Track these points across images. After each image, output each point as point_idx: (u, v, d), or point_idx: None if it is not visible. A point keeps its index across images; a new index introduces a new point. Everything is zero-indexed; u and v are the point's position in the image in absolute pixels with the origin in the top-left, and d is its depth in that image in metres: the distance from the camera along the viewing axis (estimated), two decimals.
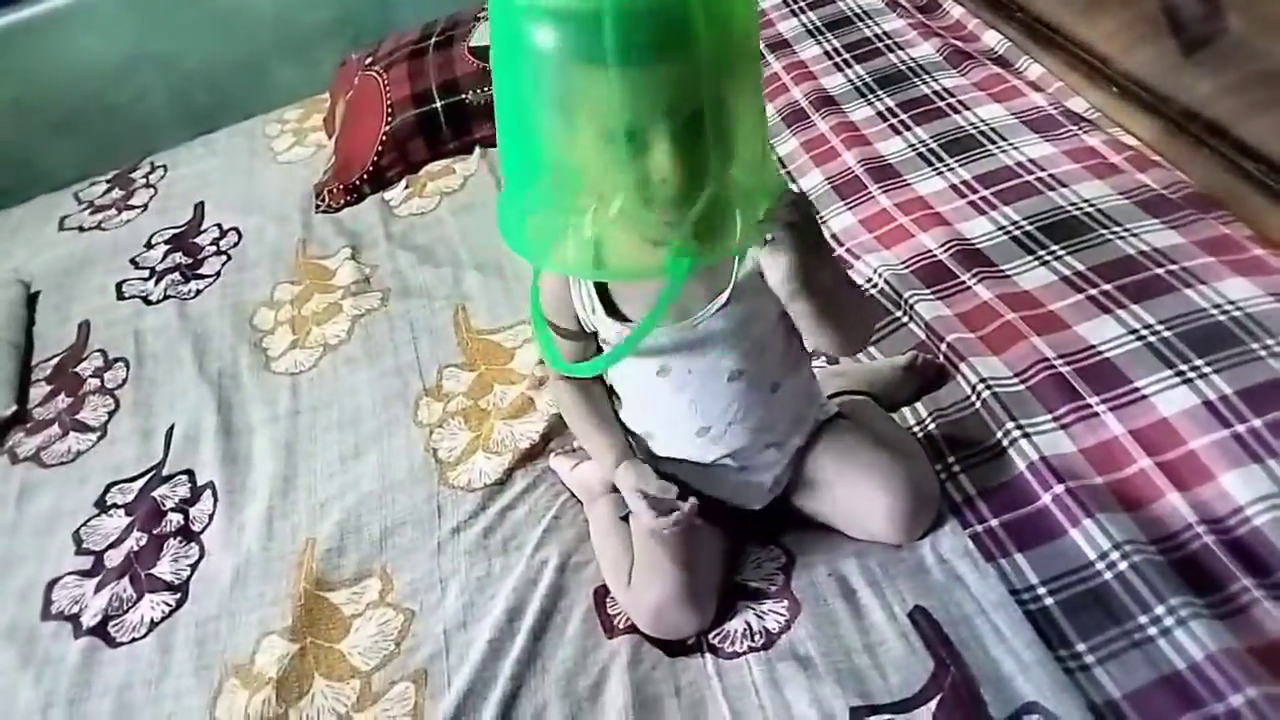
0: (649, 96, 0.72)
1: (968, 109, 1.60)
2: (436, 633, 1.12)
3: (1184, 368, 1.09)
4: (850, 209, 1.49)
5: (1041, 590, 0.97)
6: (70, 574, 1.34)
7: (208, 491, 1.39)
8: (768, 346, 1.00)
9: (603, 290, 0.97)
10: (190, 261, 1.90)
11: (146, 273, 1.91)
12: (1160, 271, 1.21)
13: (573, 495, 1.22)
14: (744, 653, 1.01)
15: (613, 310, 0.97)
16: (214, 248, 1.92)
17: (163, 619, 1.24)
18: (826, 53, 1.87)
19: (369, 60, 2.13)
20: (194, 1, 2.37)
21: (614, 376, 1.05)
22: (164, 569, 1.30)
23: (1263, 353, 1.08)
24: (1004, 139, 1.51)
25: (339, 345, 1.58)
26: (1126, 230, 1.28)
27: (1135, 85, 1.46)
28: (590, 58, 0.70)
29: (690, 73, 0.72)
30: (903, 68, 1.76)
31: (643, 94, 0.72)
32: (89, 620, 1.26)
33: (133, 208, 2.15)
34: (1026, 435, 1.09)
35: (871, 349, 1.28)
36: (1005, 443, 1.10)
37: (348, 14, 2.42)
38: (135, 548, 1.33)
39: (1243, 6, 1.20)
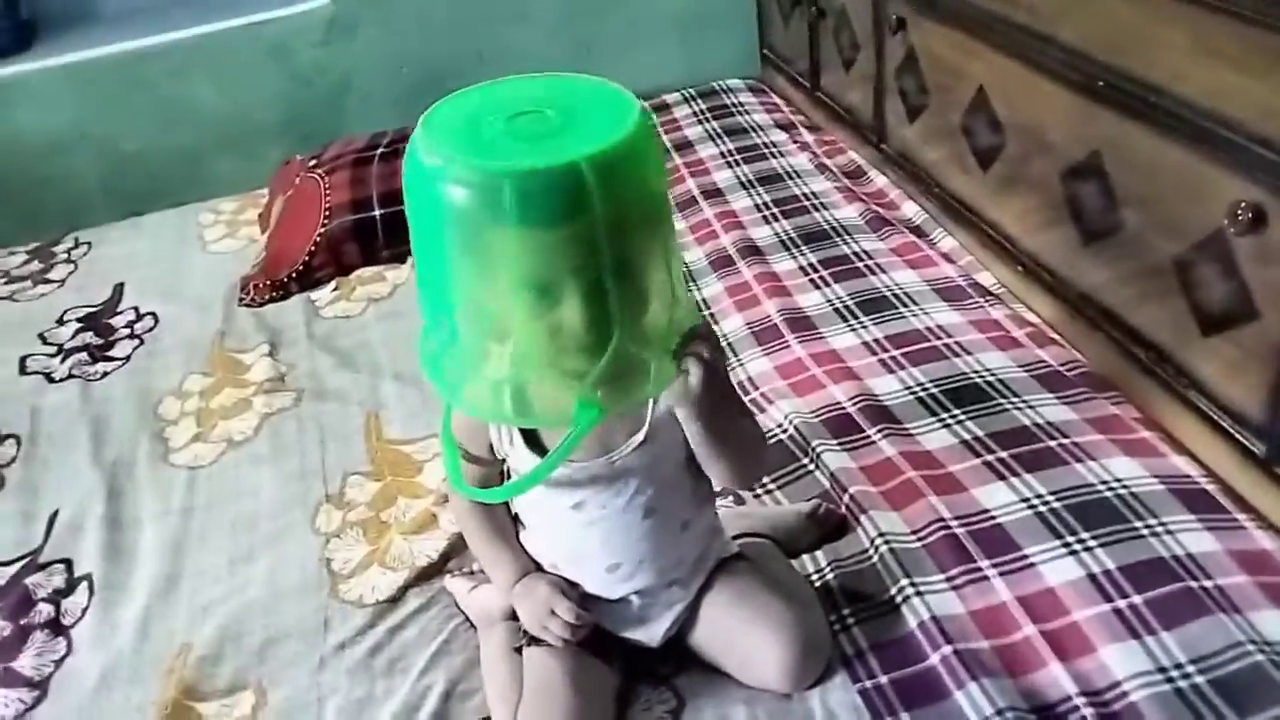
0: (552, 256, 0.76)
1: (884, 272, 1.68)
2: None
3: (1071, 539, 1.13)
4: (767, 355, 1.53)
5: None
6: None
7: (84, 584, 1.33)
8: (679, 484, 1.01)
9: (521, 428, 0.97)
10: (101, 342, 1.86)
11: (54, 349, 1.86)
12: (1053, 444, 1.27)
13: (467, 619, 1.19)
14: None
15: (532, 442, 0.97)
16: (128, 330, 1.89)
17: (16, 717, 1.16)
18: (757, 205, 1.96)
19: (313, 163, 2.16)
20: (142, 89, 2.38)
21: (521, 505, 1.05)
22: (25, 663, 1.23)
23: (1145, 531, 1.13)
24: (916, 303, 1.58)
25: (244, 442, 1.55)
26: (1024, 402, 1.35)
27: (1038, 266, 1.55)
28: (495, 218, 0.74)
29: (590, 235, 0.75)
30: (826, 227, 1.85)
31: (546, 253, 0.76)
32: None
33: (49, 281, 2.11)
34: (920, 593, 1.11)
35: (777, 494, 1.30)
36: (899, 599, 1.12)
37: (295, 116, 2.46)
38: None
39: (1138, 204, 1.30)
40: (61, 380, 1.77)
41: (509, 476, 1.03)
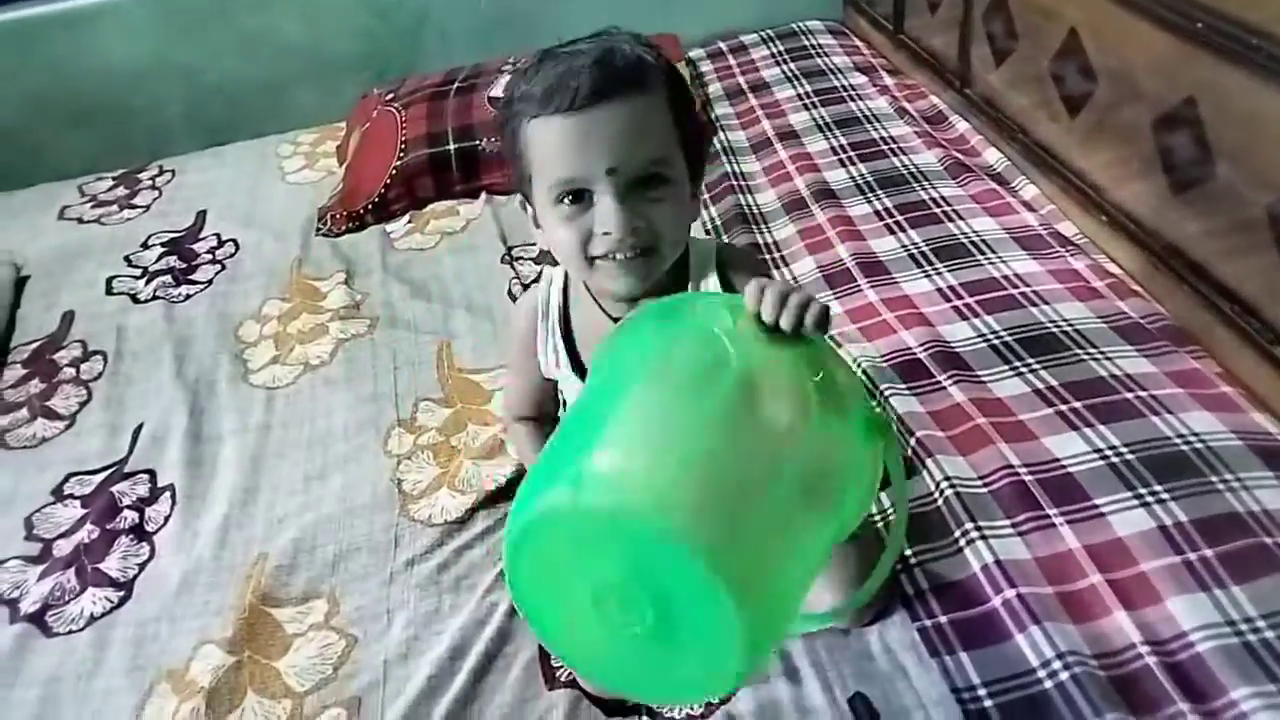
0: None
1: (962, 218, 1.65)
2: (377, 663, 1.11)
3: (1143, 491, 1.11)
4: (838, 298, 1.52)
5: (982, 691, 0.98)
6: (15, 558, 1.32)
7: (167, 493, 1.39)
8: None
9: (569, 344, 0.98)
10: (184, 266, 1.91)
11: (139, 271, 1.92)
12: (1130, 396, 1.24)
13: None
14: (679, 719, 1.01)
15: (576, 365, 0.98)
16: (209, 256, 1.94)
17: (103, 614, 1.22)
18: (833, 148, 1.93)
19: (390, 96, 2.18)
20: (225, 19, 2.42)
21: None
22: (111, 565, 1.29)
23: (1220, 486, 1.10)
24: (993, 251, 1.55)
25: (320, 366, 1.59)
26: (1101, 353, 1.32)
27: (1124, 216, 1.51)
28: None
29: None
30: (904, 172, 1.81)
31: None
32: (28, 607, 1.24)
33: (135, 207, 2.16)
34: (984, 537, 1.10)
35: None
36: (963, 542, 1.11)
37: (376, 50, 2.47)
38: (86, 540, 1.32)
39: (1232, 156, 1.25)
40: (146, 301, 1.83)
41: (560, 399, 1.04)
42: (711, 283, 0.97)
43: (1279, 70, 1.14)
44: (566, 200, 0.87)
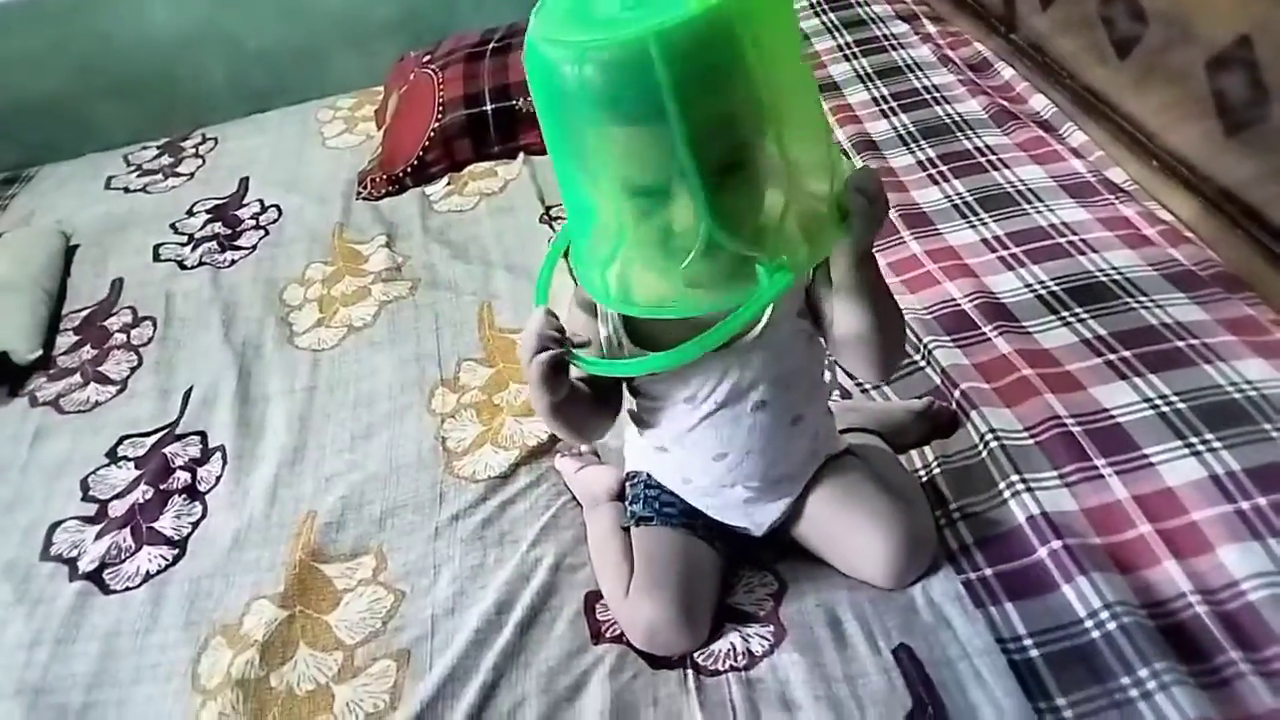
0: (648, 152, 0.75)
1: (1007, 167, 1.62)
2: (424, 616, 1.13)
3: (1194, 440, 1.09)
4: (880, 251, 1.49)
5: (1028, 642, 0.97)
6: (74, 519, 1.36)
7: (218, 454, 1.41)
8: (793, 381, 1.00)
9: (631, 329, 0.97)
10: (229, 232, 1.94)
11: (185, 238, 1.94)
12: (1181, 345, 1.21)
13: (574, 498, 1.23)
14: (725, 671, 1.02)
15: (640, 345, 0.97)
16: (253, 222, 1.96)
17: (158, 572, 1.26)
18: (875, 99, 1.89)
19: (426, 58, 2.17)
20: None
21: (637, 401, 1.05)
22: (166, 524, 1.32)
23: (1275, 434, 1.08)
24: (1040, 200, 1.52)
25: (363, 328, 1.61)
26: (1152, 301, 1.29)
27: (1176, 161, 1.47)
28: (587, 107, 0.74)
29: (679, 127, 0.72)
30: (948, 121, 1.77)
31: (642, 150, 0.75)
32: (86, 565, 1.28)
33: (179, 175, 2.19)
34: (1029, 489, 1.09)
35: (886, 389, 1.29)
36: (1007, 494, 1.10)
37: (411, 13, 2.47)
38: (140, 500, 1.35)
39: None
40: (193, 268, 1.86)
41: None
42: None
43: None
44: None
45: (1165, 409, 1.13)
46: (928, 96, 1.86)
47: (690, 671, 1.02)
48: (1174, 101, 1.45)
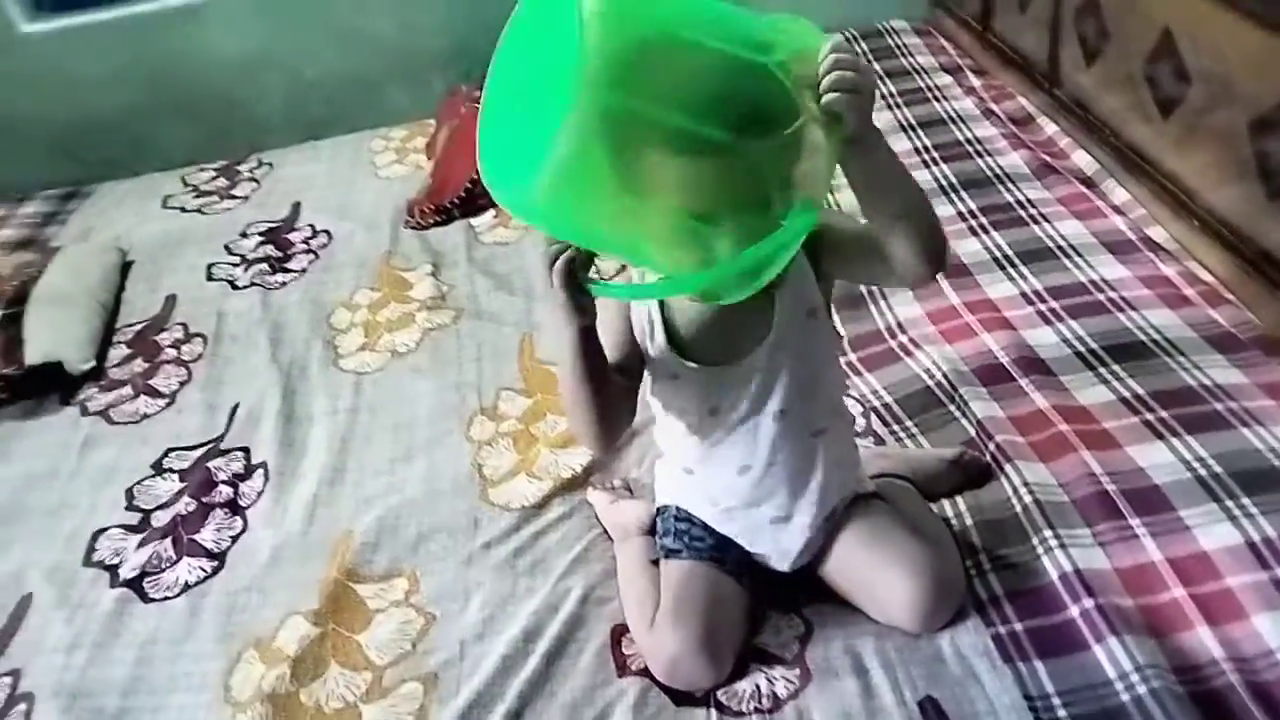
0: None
1: (1048, 222, 1.63)
2: (453, 640, 1.14)
3: (1231, 505, 1.09)
4: (919, 300, 1.51)
5: (1056, 701, 0.97)
6: (117, 527, 1.39)
7: (260, 470, 1.44)
8: (811, 389, 1.02)
9: (667, 323, 1.00)
10: (280, 255, 1.99)
11: (238, 259, 1.99)
12: (1219, 407, 1.21)
13: (605, 531, 1.24)
14: (749, 713, 1.02)
15: (672, 339, 1.00)
16: (304, 246, 2.01)
17: (197, 583, 1.28)
18: (916, 149, 1.91)
19: (477, 93, 2.22)
20: (322, 17, 2.50)
21: (658, 406, 1.07)
22: (206, 536, 1.35)
23: None
24: (1080, 256, 1.53)
25: (407, 354, 1.64)
26: (1191, 362, 1.29)
27: (1217, 221, 1.47)
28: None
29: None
30: (989, 174, 1.79)
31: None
32: (127, 573, 1.31)
33: (234, 197, 2.25)
34: (1063, 546, 1.09)
35: (920, 438, 1.29)
36: (1040, 550, 1.10)
37: (463, 46, 2.52)
38: (183, 512, 1.39)
39: None
40: (244, 288, 1.90)
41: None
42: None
43: None
44: None
45: (1202, 471, 1.13)
46: (970, 149, 1.88)
47: (714, 710, 1.03)
48: (1216, 162, 1.46)
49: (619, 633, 1.12)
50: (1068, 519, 1.12)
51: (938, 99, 2.08)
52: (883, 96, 2.12)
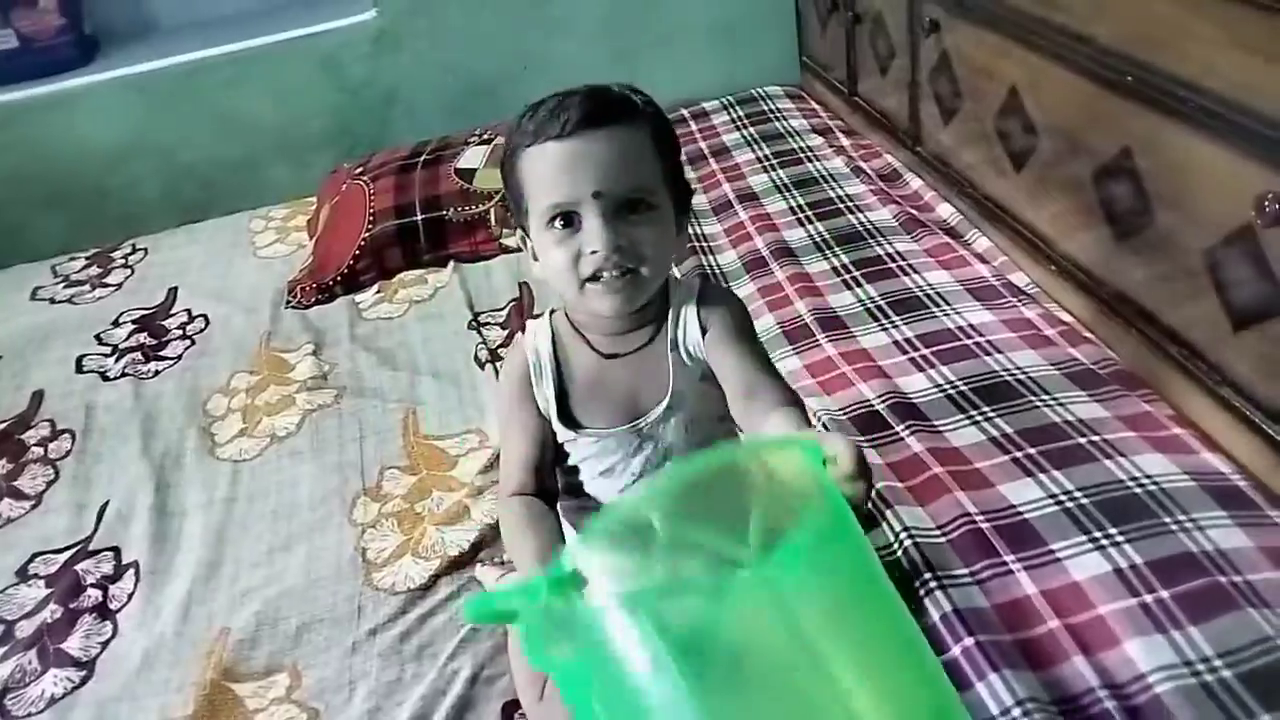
0: None
1: (917, 272, 1.68)
2: None
3: (1098, 535, 1.12)
4: (797, 354, 1.54)
5: None
6: None
7: (131, 570, 1.38)
8: (708, 441, 1.02)
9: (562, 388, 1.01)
10: (154, 343, 1.93)
11: (109, 349, 1.93)
12: (1083, 441, 1.26)
13: None
14: None
15: (564, 415, 1.01)
16: (180, 331, 1.96)
17: (63, 695, 1.21)
18: (791, 208, 1.97)
19: (359, 170, 2.22)
20: (199, 100, 2.47)
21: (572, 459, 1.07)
22: (74, 644, 1.28)
23: (1174, 527, 1.11)
24: (948, 303, 1.58)
25: (286, 437, 1.60)
26: (1054, 399, 1.34)
27: (1072, 265, 1.54)
28: None
29: None
30: (860, 229, 1.85)
31: None
32: None
33: (106, 285, 2.18)
34: (943, 587, 1.11)
35: None
36: (922, 592, 1.11)
37: (346, 126, 2.52)
38: (49, 620, 1.31)
39: (1169, 201, 1.29)
40: (115, 379, 1.84)
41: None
42: (690, 314, 1.00)
43: (1207, 120, 1.18)
44: (558, 223, 0.92)
45: (1070, 504, 1.17)
46: (841, 205, 1.94)
47: None
48: (1067, 210, 1.53)
49: (511, 709, 1.09)
50: (946, 560, 1.14)
51: (810, 159, 2.16)
52: (759, 160, 2.19)
